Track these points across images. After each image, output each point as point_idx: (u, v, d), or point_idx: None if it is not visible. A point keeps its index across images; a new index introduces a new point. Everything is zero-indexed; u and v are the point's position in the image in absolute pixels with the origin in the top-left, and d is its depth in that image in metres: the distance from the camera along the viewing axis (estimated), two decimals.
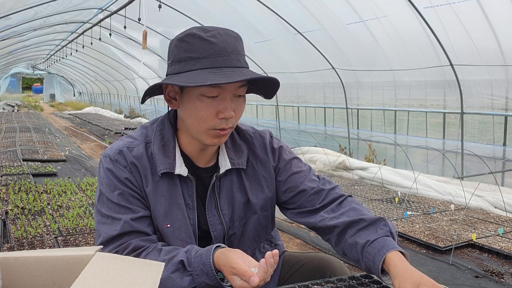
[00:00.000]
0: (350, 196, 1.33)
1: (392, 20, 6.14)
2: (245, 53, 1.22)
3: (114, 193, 1.19)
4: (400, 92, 7.29)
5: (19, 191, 4.73)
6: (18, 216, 3.83)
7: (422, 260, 3.23)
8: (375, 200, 4.79)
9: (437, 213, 4.30)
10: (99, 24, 10.53)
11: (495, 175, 5.28)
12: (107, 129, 13.17)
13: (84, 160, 7.44)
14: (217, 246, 1.13)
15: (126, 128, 12.93)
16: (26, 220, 3.72)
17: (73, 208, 4.11)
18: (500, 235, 3.62)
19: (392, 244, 1.12)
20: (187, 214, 1.24)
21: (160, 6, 6.83)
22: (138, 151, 1.23)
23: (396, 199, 4.75)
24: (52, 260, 0.89)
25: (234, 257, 1.06)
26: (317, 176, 1.38)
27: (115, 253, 1.09)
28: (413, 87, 7.02)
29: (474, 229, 3.79)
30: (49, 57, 22.04)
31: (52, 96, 35.99)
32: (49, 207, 4.17)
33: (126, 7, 8.04)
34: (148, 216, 1.22)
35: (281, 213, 1.42)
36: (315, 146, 7.53)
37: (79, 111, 23.19)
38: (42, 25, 12.03)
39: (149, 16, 7.54)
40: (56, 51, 18.88)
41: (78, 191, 4.87)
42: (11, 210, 4.00)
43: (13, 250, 2.99)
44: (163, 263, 0.87)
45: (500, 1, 4.95)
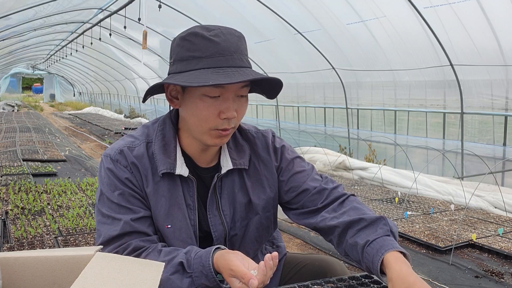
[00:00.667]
0: (353, 195, 1.30)
1: (392, 20, 6.14)
2: None
3: (115, 193, 1.18)
4: (400, 92, 7.29)
5: (19, 191, 4.73)
6: (18, 216, 3.83)
7: (422, 260, 3.23)
8: (375, 200, 4.79)
9: (437, 213, 4.30)
10: (99, 24, 10.53)
11: (495, 175, 5.27)
12: (107, 129, 13.16)
13: (84, 160, 7.44)
14: (217, 248, 1.12)
15: (126, 128, 12.93)
16: (26, 220, 3.72)
17: (73, 208, 4.11)
18: (500, 235, 3.62)
19: (391, 244, 1.10)
20: (188, 215, 1.23)
21: (160, 6, 6.83)
22: (139, 151, 1.22)
23: (396, 199, 4.75)
24: (52, 260, 0.88)
25: (233, 259, 1.05)
26: (320, 175, 1.35)
27: (115, 253, 1.08)
28: (413, 87, 7.02)
29: (474, 229, 3.79)
30: (49, 57, 22.04)
31: (52, 96, 35.98)
32: (49, 207, 4.17)
33: (126, 7, 8.04)
34: (149, 217, 1.21)
35: (281, 213, 1.40)
36: (315, 146, 7.54)
37: (79, 111, 23.19)
38: (42, 25, 12.03)
39: (149, 16, 7.55)
40: (56, 51, 18.88)
41: (78, 191, 4.87)
42: (11, 210, 4.00)
43: (13, 250, 2.99)
44: (163, 263, 0.87)
45: (500, 1, 4.95)
